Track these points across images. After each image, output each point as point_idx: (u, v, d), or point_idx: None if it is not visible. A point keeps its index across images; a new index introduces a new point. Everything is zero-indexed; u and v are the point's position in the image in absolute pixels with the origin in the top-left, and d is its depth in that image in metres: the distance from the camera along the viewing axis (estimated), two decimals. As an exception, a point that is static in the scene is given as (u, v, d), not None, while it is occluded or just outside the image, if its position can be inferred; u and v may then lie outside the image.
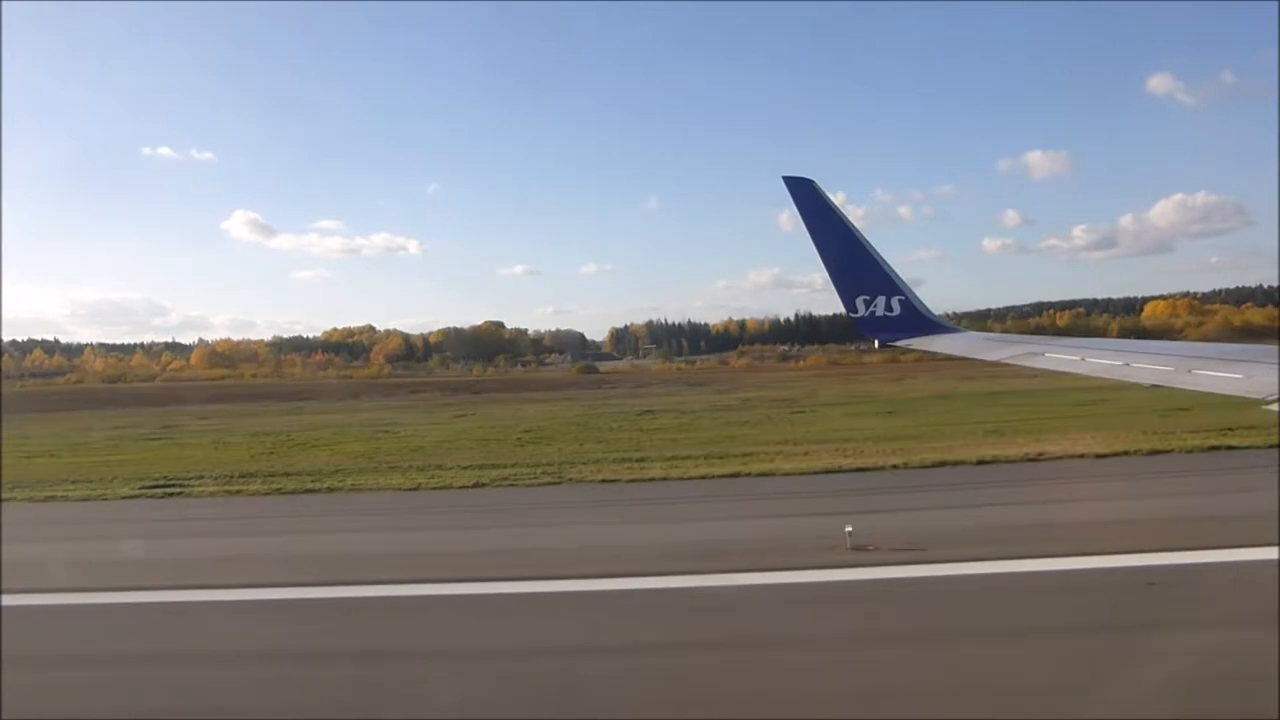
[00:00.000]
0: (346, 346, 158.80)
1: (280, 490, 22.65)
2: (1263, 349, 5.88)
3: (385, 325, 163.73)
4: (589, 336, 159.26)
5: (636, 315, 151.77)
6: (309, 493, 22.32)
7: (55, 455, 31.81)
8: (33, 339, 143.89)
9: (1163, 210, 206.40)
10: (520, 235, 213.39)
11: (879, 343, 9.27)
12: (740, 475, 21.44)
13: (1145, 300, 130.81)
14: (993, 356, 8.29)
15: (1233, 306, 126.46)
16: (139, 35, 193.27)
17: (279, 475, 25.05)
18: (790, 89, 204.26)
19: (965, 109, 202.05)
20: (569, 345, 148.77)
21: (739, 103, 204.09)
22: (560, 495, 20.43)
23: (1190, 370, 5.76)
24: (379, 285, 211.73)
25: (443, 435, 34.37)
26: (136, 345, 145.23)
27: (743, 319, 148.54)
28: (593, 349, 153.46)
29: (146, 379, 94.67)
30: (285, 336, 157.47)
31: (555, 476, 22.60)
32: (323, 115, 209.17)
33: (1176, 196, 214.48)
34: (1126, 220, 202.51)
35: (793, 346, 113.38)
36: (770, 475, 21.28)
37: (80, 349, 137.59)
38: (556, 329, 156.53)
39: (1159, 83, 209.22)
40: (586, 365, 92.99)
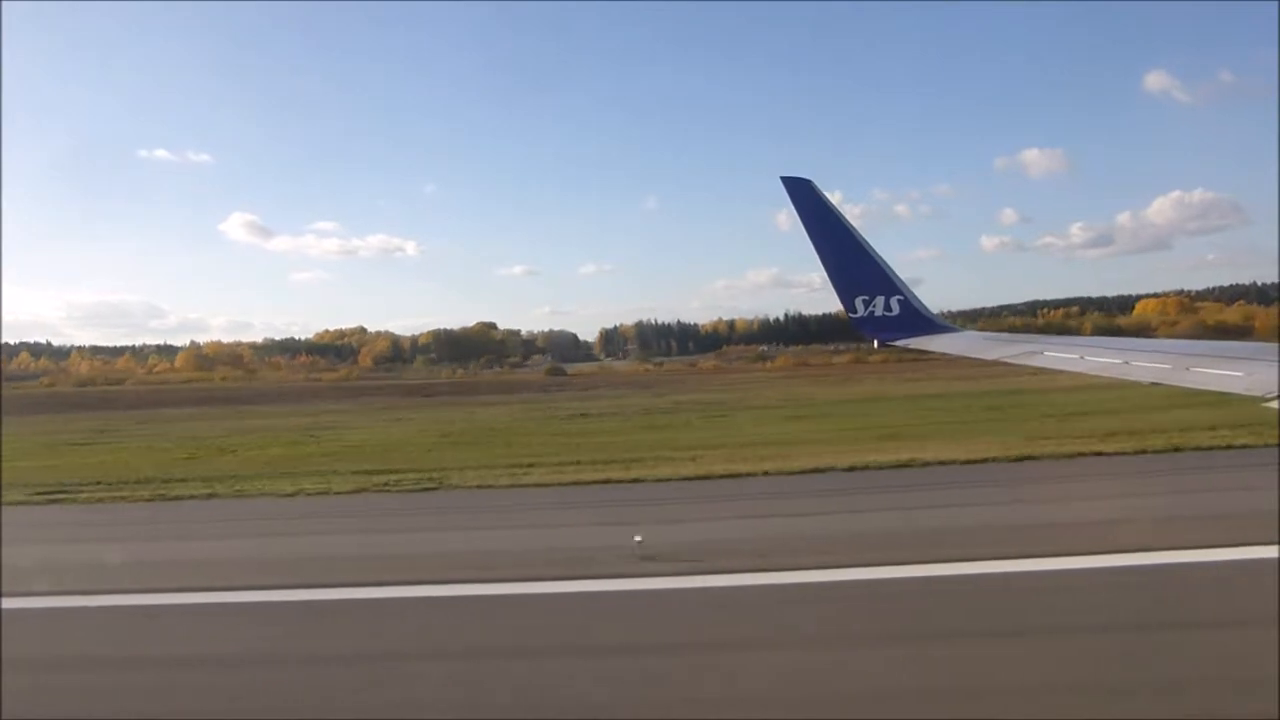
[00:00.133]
0: (335, 349, 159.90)
1: (163, 496, 22.93)
2: (1263, 346, 5.91)
3: (382, 326, 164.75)
4: (586, 338, 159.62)
5: (634, 316, 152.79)
6: (192, 498, 22.61)
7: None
8: (24, 341, 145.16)
9: (1160, 208, 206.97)
10: (519, 236, 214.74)
11: (878, 343, 9.23)
12: (611, 482, 21.64)
13: (1140, 298, 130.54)
14: (992, 355, 8.26)
15: (1224, 305, 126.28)
16: (138, 35, 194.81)
17: (175, 481, 25.31)
18: (788, 89, 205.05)
19: (962, 108, 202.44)
20: (561, 346, 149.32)
21: (738, 102, 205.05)
22: (418, 502, 20.63)
23: (1189, 368, 5.74)
24: (377, 286, 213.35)
25: (365, 440, 34.69)
26: (127, 348, 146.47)
27: (732, 319, 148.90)
28: (584, 349, 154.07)
29: (117, 382, 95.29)
30: (279, 339, 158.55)
31: (436, 483, 22.82)
32: (320, 116, 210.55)
33: (1174, 194, 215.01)
34: (1124, 218, 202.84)
35: (773, 347, 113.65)
36: (641, 481, 21.45)
37: (68, 352, 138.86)
38: (549, 329, 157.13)
39: (1155, 81, 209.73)
40: (554, 368, 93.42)
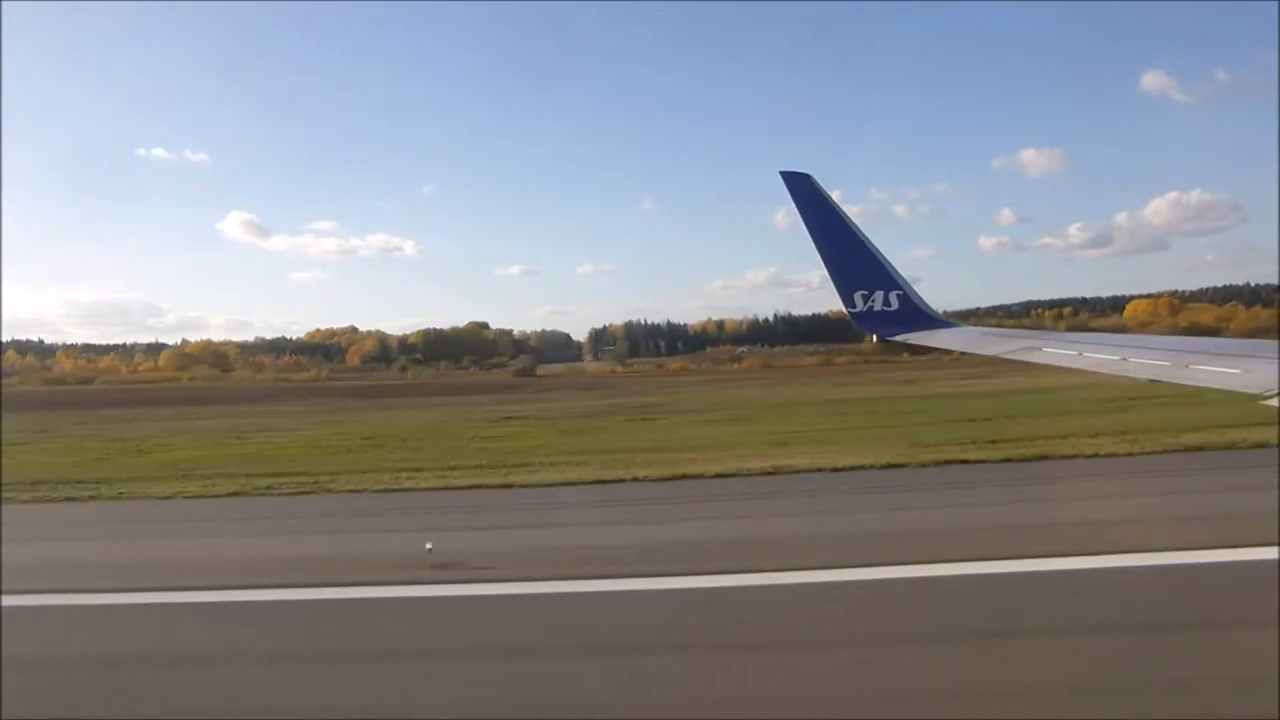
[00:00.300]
0: (324, 348, 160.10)
1: (47, 499, 22.98)
2: (1263, 344, 5.89)
3: (378, 325, 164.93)
4: (581, 338, 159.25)
5: (633, 316, 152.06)
6: (71, 501, 22.79)
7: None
8: (14, 339, 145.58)
9: (1158, 208, 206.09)
10: (517, 235, 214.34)
11: (877, 338, 9.24)
12: (481, 487, 21.79)
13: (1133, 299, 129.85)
14: (990, 351, 8.27)
15: (1215, 305, 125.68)
16: (138, 35, 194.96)
17: (67, 483, 25.44)
18: (788, 89, 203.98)
19: (961, 108, 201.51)
20: (554, 346, 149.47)
21: (738, 102, 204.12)
22: (287, 507, 20.74)
23: (1188, 365, 5.73)
24: (376, 286, 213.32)
25: (288, 442, 34.88)
26: (116, 346, 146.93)
27: (721, 319, 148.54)
28: (576, 349, 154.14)
29: (86, 381, 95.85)
30: (271, 338, 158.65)
31: (314, 488, 22.99)
32: (318, 115, 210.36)
33: (1171, 194, 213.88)
34: (1122, 218, 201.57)
35: (750, 348, 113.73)
36: (510, 487, 21.60)
37: (53, 350, 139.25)
38: (543, 329, 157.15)
39: (1153, 81, 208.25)
40: (524, 368, 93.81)
